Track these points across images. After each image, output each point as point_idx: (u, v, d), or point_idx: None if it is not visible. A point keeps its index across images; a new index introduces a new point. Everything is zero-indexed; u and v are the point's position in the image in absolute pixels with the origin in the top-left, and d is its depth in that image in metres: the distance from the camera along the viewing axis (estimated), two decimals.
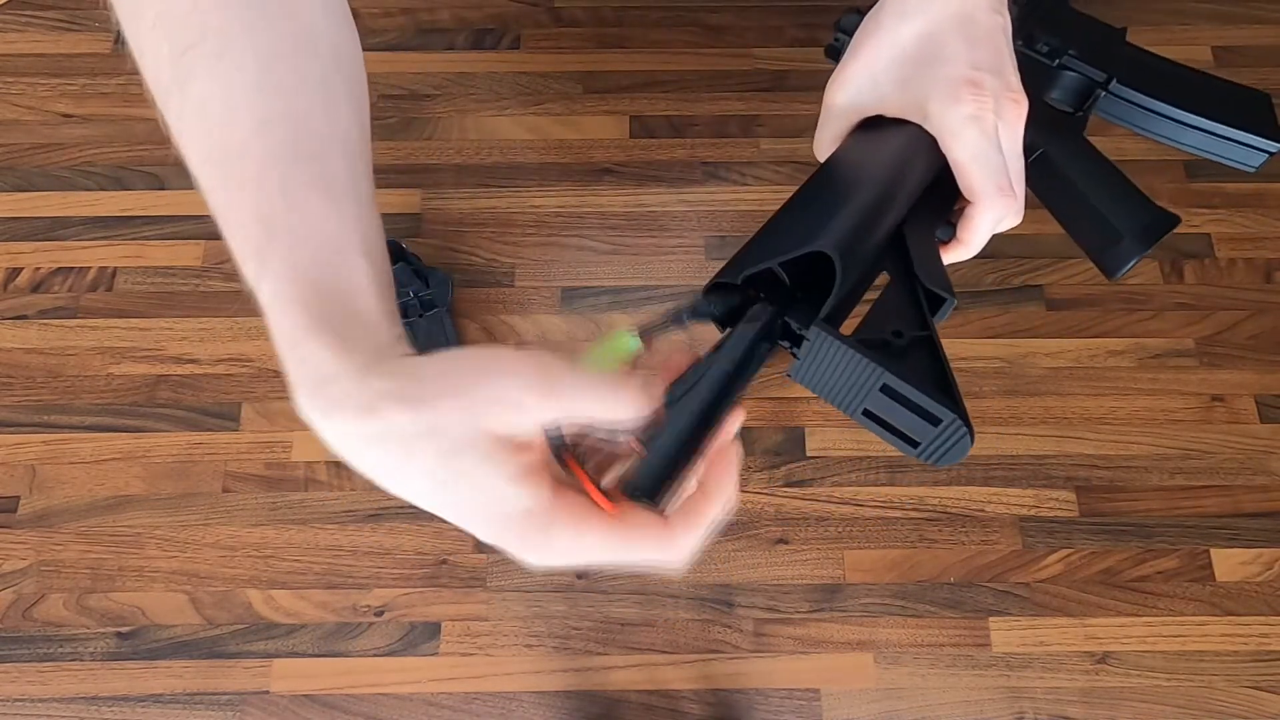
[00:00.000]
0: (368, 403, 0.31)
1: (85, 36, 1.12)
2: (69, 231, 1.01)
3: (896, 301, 0.39)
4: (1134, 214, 0.63)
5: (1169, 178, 1.03)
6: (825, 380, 0.37)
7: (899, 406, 0.35)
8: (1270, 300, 0.97)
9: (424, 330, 0.94)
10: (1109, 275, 0.63)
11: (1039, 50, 0.62)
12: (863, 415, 0.36)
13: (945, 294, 0.38)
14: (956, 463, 0.35)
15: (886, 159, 0.42)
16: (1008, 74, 0.42)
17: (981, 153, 0.40)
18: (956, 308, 0.40)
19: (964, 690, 0.83)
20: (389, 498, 1.00)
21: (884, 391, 0.35)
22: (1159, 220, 0.62)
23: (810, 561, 0.87)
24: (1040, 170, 0.59)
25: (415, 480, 0.32)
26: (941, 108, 0.40)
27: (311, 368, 0.33)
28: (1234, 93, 0.68)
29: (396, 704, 0.82)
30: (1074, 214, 0.63)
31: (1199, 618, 0.85)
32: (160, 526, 0.88)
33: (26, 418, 0.93)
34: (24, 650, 0.84)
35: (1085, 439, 0.91)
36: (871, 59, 0.43)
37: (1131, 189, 0.63)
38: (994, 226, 0.42)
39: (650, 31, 1.12)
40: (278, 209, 0.34)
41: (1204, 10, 1.12)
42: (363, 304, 0.35)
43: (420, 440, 0.31)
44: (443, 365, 0.32)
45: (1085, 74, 0.63)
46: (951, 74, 0.41)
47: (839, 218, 0.38)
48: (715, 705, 0.82)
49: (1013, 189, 0.41)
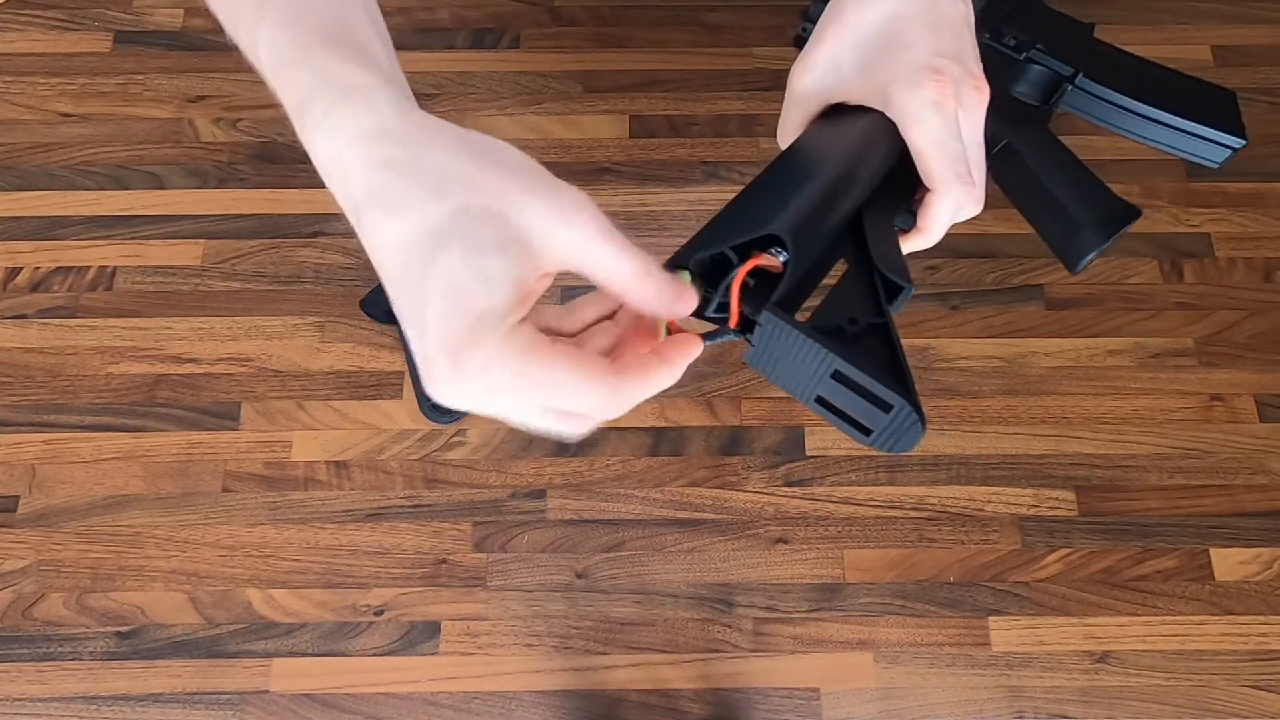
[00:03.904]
0: (412, 152, 0.30)
1: (85, 36, 1.12)
2: (68, 231, 1.01)
3: (853, 288, 0.38)
4: (1094, 206, 0.62)
5: (1169, 177, 1.03)
6: (779, 367, 0.36)
7: (851, 393, 0.35)
8: (1270, 300, 0.97)
9: None
10: (1069, 268, 0.64)
11: (1006, 44, 0.62)
12: (816, 403, 0.36)
13: (902, 282, 0.38)
14: (908, 451, 0.35)
15: (845, 145, 0.42)
16: (969, 61, 0.42)
17: (941, 139, 0.40)
18: (955, 307, 0.40)
19: (963, 689, 0.83)
20: (389, 497, 1.00)
21: (835, 378, 0.35)
22: (1118, 212, 0.62)
23: (810, 561, 0.87)
24: (1004, 162, 0.60)
25: (414, 228, 0.30)
26: (903, 93, 0.40)
27: (339, 89, 0.32)
28: (1201, 89, 0.69)
29: (396, 703, 0.82)
30: (1036, 206, 0.63)
31: (1198, 617, 0.85)
32: (160, 526, 0.88)
33: (26, 417, 0.93)
34: (24, 650, 0.84)
35: (1085, 439, 0.91)
36: (834, 45, 0.43)
37: (1093, 181, 0.62)
38: (954, 215, 0.42)
39: (650, 31, 1.12)
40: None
41: (1204, 10, 1.12)
42: (373, 49, 0.33)
43: (454, 189, 0.30)
44: (517, 161, 0.32)
45: (1052, 68, 0.63)
46: (913, 60, 0.41)
47: (793, 202, 0.38)
48: (715, 705, 0.82)
49: (972, 176, 0.41)
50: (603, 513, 0.89)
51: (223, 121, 1.07)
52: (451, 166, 0.31)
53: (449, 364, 0.30)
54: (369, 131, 0.31)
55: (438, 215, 0.30)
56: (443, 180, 0.31)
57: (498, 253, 0.30)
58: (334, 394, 0.93)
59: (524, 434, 0.92)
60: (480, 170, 0.31)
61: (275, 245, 1.00)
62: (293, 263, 0.99)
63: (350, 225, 0.32)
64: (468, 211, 0.30)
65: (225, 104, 1.07)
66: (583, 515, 0.89)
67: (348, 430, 0.92)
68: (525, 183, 0.31)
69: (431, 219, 0.30)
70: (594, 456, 0.91)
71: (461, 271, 0.30)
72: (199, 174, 1.04)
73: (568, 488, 0.90)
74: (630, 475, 0.90)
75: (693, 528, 0.88)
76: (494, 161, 0.31)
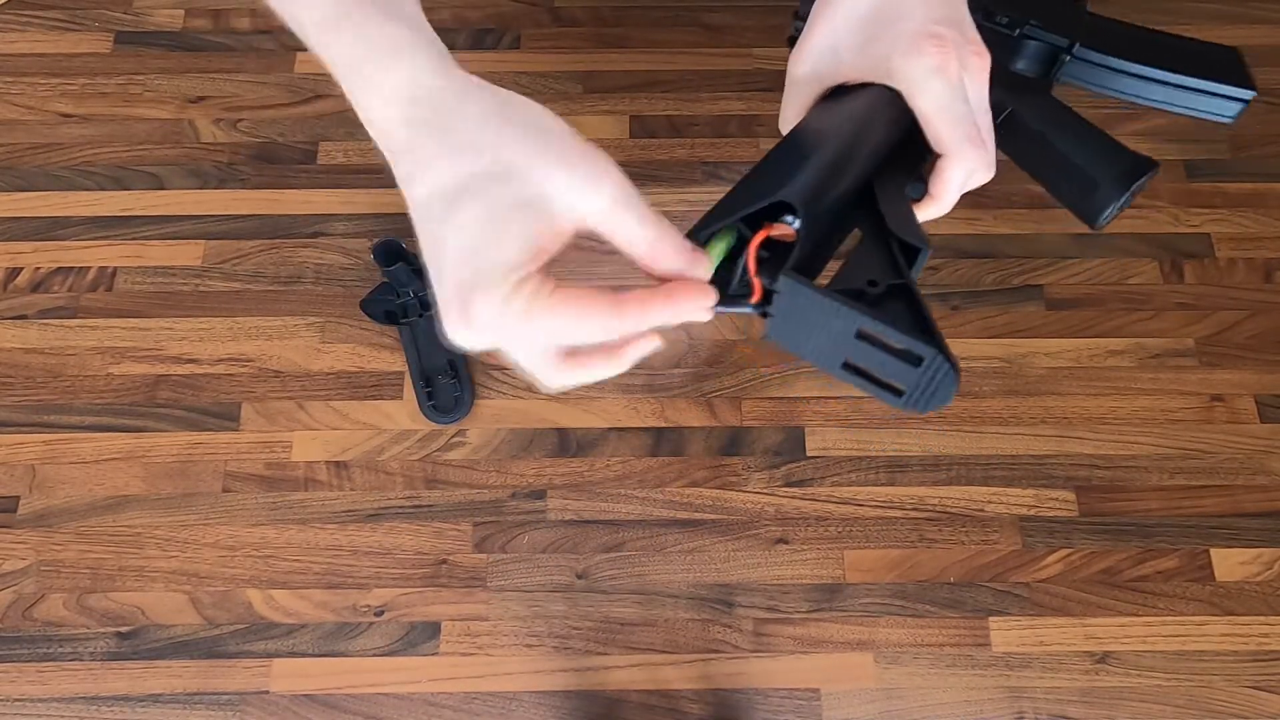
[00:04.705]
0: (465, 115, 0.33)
1: (85, 36, 1.12)
2: (69, 231, 1.01)
3: (870, 255, 0.38)
4: (1110, 161, 0.61)
5: (1169, 177, 1.03)
6: (802, 335, 0.36)
7: (879, 352, 0.34)
8: (1270, 300, 0.97)
9: (424, 330, 0.94)
10: (1090, 223, 0.64)
11: (999, 22, 0.62)
12: (843, 369, 0.35)
13: (919, 244, 0.38)
14: (945, 405, 0.34)
15: (850, 117, 0.42)
16: (967, 28, 0.42)
17: (948, 103, 0.40)
18: (955, 308, 0.41)
19: (964, 690, 0.83)
20: (389, 498, 1.00)
21: (861, 337, 0.34)
22: (1135, 164, 0.62)
23: (810, 561, 0.87)
24: (1011, 130, 0.59)
25: (441, 184, 0.33)
26: (904, 62, 0.40)
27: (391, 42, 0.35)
28: (1202, 49, 0.68)
29: (396, 703, 0.82)
30: (1049, 169, 0.62)
31: (1199, 617, 0.85)
32: (160, 526, 0.88)
33: (26, 418, 0.93)
34: (24, 650, 0.84)
35: (1085, 439, 0.91)
36: (829, 28, 0.43)
37: (1105, 138, 0.62)
38: (966, 180, 0.42)
39: (650, 31, 1.12)
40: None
41: (1204, 10, 1.12)
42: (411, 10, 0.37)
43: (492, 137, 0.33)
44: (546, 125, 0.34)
45: (1048, 41, 0.62)
46: (911, 29, 0.41)
47: (802, 171, 0.38)
48: (715, 705, 0.82)
49: (982, 139, 0.41)
50: (603, 513, 0.89)
51: (223, 122, 1.07)
52: (481, 129, 0.33)
53: (460, 309, 0.33)
54: (411, 91, 0.34)
55: (463, 174, 0.33)
56: (471, 142, 0.33)
57: (513, 212, 0.32)
58: (334, 394, 0.93)
59: (524, 434, 0.92)
60: (508, 134, 0.33)
61: (275, 245, 1.00)
62: (293, 263, 0.99)
63: (350, 226, 0.33)
64: (490, 172, 0.33)
65: (225, 104, 1.08)
66: (583, 516, 0.89)
67: (348, 430, 0.92)
68: (550, 149, 0.33)
69: (457, 177, 0.33)
70: (594, 457, 0.91)
71: (476, 227, 0.32)
72: (199, 174, 1.04)
73: (568, 488, 0.90)
74: (630, 475, 0.90)
75: (693, 528, 0.88)
76: (523, 125, 0.34)
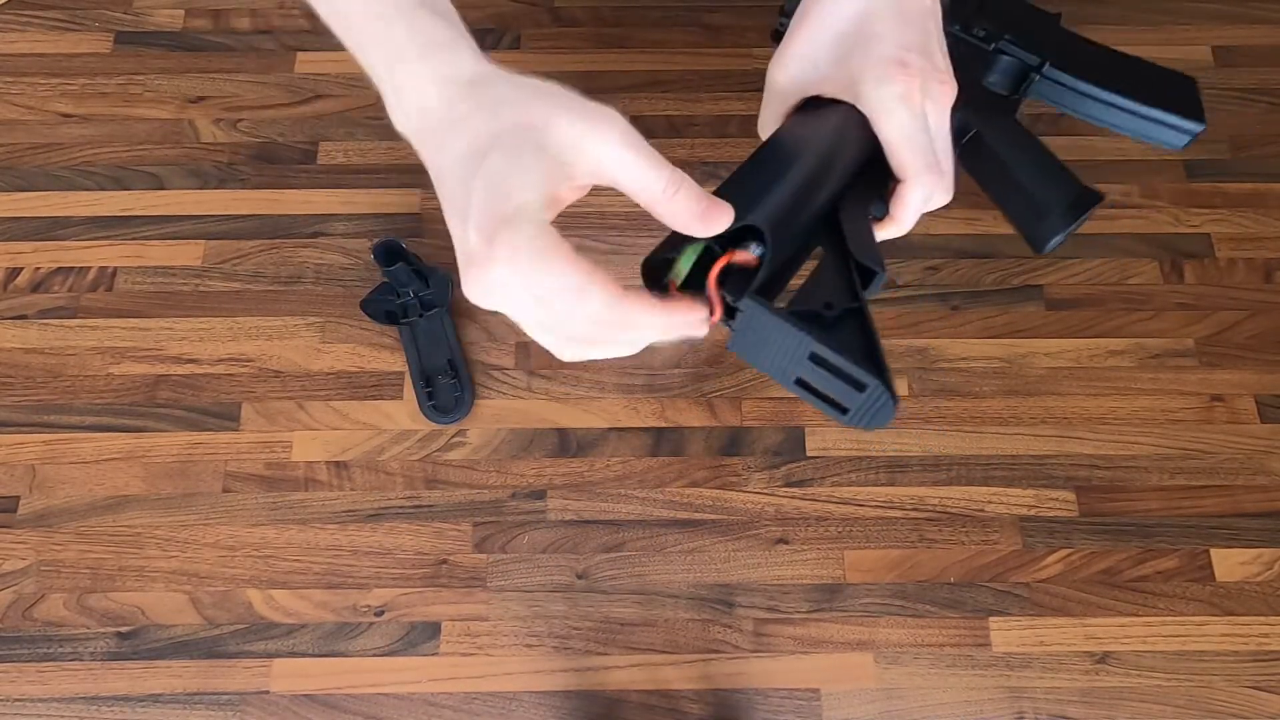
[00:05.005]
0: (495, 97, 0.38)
1: (85, 36, 1.12)
2: (69, 231, 1.01)
3: (830, 275, 0.41)
4: (1060, 191, 0.65)
5: (1169, 178, 1.03)
6: (760, 351, 0.39)
7: (828, 374, 0.38)
8: (1270, 300, 0.97)
9: (424, 330, 0.94)
10: (1036, 249, 0.68)
11: (975, 35, 0.64)
12: (795, 384, 0.39)
13: (876, 267, 0.41)
14: (883, 427, 0.37)
15: (821, 139, 0.44)
16: (936, 57, 0.44)
17: (910, 132, 0.42)
18: (955, 308, 0.42)
19: (964, 690, 0.83)
20: (389, 498, 1.00)
21: (813, 360, 0.37)
22: (1083, 196, 0.65)
23: (810, 561, 0.87)
24: (974, 152, 0.62)
25: (472, 141, 0.37)
26: (871, 88, 0.42)
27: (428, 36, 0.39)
28: (1162, 76, 0.71)
29: (396, 704, 0.82)
30: (1005, 192, 0.65)
31: (1199, 618, 0.85)
32: (160, 526, 0.88)
33: (26, 418, 0.93)
34: (24, 650, 0.84)
35: (1085, 439, 0.91)
36: (810, 38, 0.45)
37: (1059, 167, 0.65)
38: (924, 204, 0.44)
39: (650, 31, 1.12)
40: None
41: (1204, 10, 1.12)
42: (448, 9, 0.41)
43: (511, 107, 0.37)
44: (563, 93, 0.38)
45: (1020, 58, 0.65)
46: (882, 54, 0.42)
47: (771, 195, 0.40)
48: (715, 705, 0.82)
49: (940, 166, 0.43)
50: (603, 513, 0.89)
51: (223, 122, 1.07)
52: (509, 97, 0.38)
53: (484, 245, 0.35)
54: (453, 76, 0.38)
55: (492, 130, 0.37)
56: (499, 106, 0.37)
57: (533, 157, 0.36)
58: (334, 394, 0.93)
59: (524, 434, 0.92)
60: (530, 99, 0.37)
61: (275, 245, 1.00)
62: (293, 263, 0.99)
63: (350, 226, 0.34)
64: (514, 128, 0.37)
65: (226, 104, 1.08)
66: (583, 516, 0.89)
67: (348, 430, 0.92)
68: (562, 104, 0.37)
69: (487, 133, 0.37)
70: (594, 457, 0.91)
71: (502, 168, 0.36)
72: (199, 174, 1.04)
73: (568, 488, 0.90)
74: (630, 476, 0.90)
75: (693, 528, 0.88)
76: (543, 93, 0.38)
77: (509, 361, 0.95)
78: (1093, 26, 1.11)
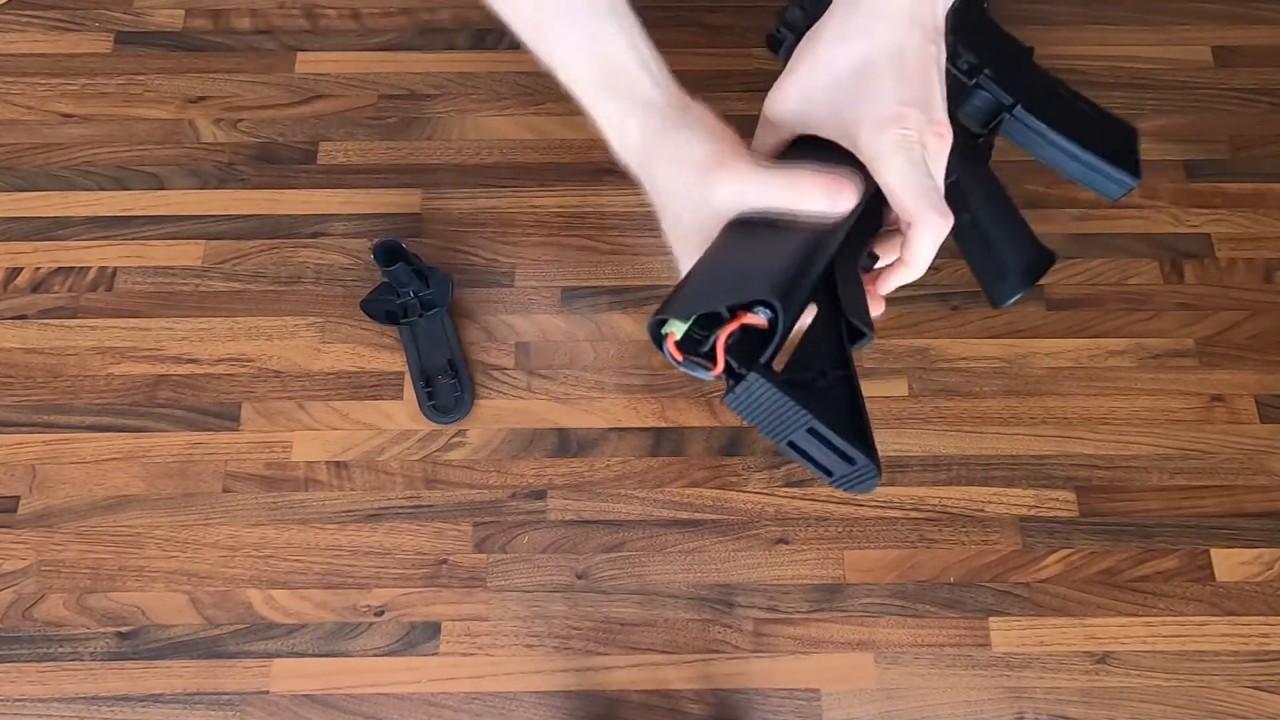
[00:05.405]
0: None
1: (85, 36, 1.12)
2: (69, 231, 1.01)
3: (822, 334, 0.43)
4: (1021, 252, 0.69)
5: (1169, 178, 1.03)
6: (758, 414, 0.40)
7: (821, 445, 0.40)
8: (1270, 300, 0.97)
9: (424, 330, 0.94)
10: (994, 304, 0.76)
11: (959, 67, 0.66)
12: (788, 446, 0.41)
13: (866, 330, 0.43)
14: (865, 494, 0.39)
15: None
16: (935, 109, 0.44)
17: (913, 178, 0.43)
18: (955, 308, 0.43)
19: (964, 690, 0.83)
20: (389, 498, 1.00)
21: (810, 432, 0.40)
22: (1040, 260, 0.70)
23: (810, 561, 0.87)
24: (953, 199, 0.63)
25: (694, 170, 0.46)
26: (869, 139, 0.43)
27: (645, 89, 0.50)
28: (1110, 125, 0.73)
29: (396, 704, 0.82)
30: (972, 247, 0.69)
31: (1199, 618, 0.85)
32: (160, 526, 0.88)
33: (26, 418, 0.93)
34: (24, 650, 0.84)
35: (1085, 439, 0.91)
36: (807, 80, 0.46)
37: (1022, 225, 0.69)
38: (935, 245, 0.45)
39: (650, 31, 1.11)
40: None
41: (1204, 10, 1.12)
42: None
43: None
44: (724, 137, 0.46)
45: (996, 96, 0.67)
46: (879, 110, 0.43)
47: (780, 263, 0.41)
48: (715, 705, 0.82)
49: (944, 207, 0.44)
50: (603, 513, 0.89)
51: (223, 122, 1.07)
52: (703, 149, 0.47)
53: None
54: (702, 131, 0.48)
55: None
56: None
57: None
58: (334, 394, 0.93)
59: (524, 434, 0.92)
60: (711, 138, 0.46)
61: (275, 246, 1.00)
62: (293, 263, 0.99)
63: (350, 226, 0.34)
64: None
65: (226, 104, 1.08)
66: (583, 516, 0.89)
67: (348, 430, 0.92)
68: (715, 159, 0.46)
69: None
70: (594, 457, 0.91)
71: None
72: (199, 174, 1.04)
73: (568, 488, 0.90)
74: (630, 476, 0.90)
75: (693, 528, 0.88)
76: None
77: (509, 361, 0.95)
78: (1095, 27, 1.11)
